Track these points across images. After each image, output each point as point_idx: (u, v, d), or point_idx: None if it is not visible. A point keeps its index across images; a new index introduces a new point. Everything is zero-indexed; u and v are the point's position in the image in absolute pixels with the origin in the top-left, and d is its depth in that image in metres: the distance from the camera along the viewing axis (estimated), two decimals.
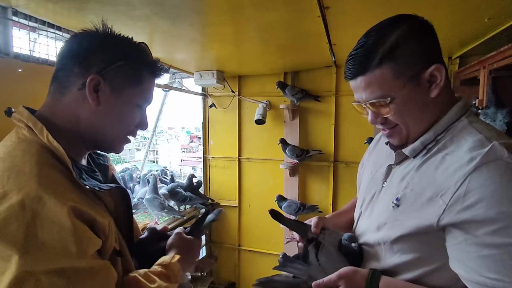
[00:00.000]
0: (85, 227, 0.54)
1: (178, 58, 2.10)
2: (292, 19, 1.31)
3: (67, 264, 0.50)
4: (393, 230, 0.68)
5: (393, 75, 0.63)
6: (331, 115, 2.42)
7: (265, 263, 2.76)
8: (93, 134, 0.67)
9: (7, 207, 0.48)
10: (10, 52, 1.11)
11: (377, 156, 0.88)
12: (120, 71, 0.66)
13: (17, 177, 0.52)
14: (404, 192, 0.68)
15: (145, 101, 0.72)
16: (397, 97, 0.64)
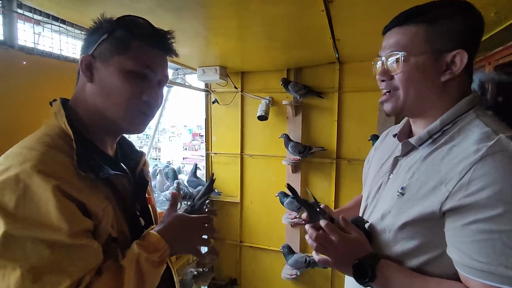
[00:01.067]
0: (71, 205, 0.57)
1: (181, 53, 2.08)
2: (296, 13, 1.30)
3: (50, 236, 0.53)
4: (398, 217, 0.69)
5: (424, 36, 0.65)
6: (334, 112, 2.41)
7: (267, 259, 2.77)
8: (101, 115, 0.69)
9: (4, 178, 0.54)
10: (15, 45, 1.11)
11: (384, 150, 0.89)
12: (106, 43, 0.68)
13: (24, 154, 0.58)
14: (409, 181, 0.69)
15: (139, 66, 0.68)
16: (413, 58, 0.66)
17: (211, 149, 2.87)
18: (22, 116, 1.09)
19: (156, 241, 0.68)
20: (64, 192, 0.56)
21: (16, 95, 1.08)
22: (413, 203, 0.66)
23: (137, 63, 0.68)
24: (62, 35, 1.34)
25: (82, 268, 0.55)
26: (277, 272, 2.58)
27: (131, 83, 0.68)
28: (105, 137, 0.74)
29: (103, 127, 0.71)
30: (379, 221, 0.75)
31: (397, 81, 0.70)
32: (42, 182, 0.54)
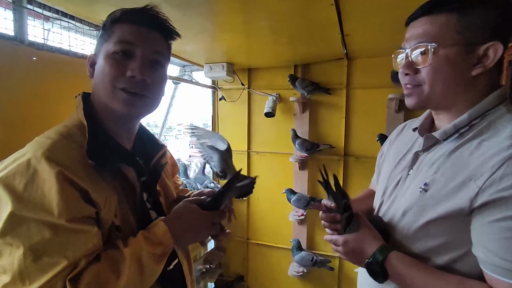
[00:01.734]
0: (73, 191, 0.59)
1: (188, 50, 2.10)
2: (305, 7, 1.29)
3: (51, 219, 0.56)
4: (420, 214, 0.66)
5: (456, 26, 0.61)
6: (342, 109, 2.38)
7: (273, 257, 2.76)
8: (102, 104, 0.71)
9: (19, 163, 0.58)
10: (25, 40, 1.12)
11: (400, 144, 0.86)
12: (99, 39, 0.73)
13: (41, 142, 0.62)
14: (433, 177, 0.66)
15: (118, 46, 0.68)
16: (443, 49, 0.62)
17: None
18: (31, 110, 1.10)
19: (162, 233, 0.68)
20: (67, 178, 0.58)
21: (25, 90, 1.09)
22: (438, 200, 0.63)
23: (117, 42, 0.69)
24: (71, 31, 1.35)
25: (79, 251, 0.58)
26: (284, 269, 2.57)
27: (113, 63, 0.68)
28: (117, 128, 0.75)
29: (109, 117, 0.73)
30: (400, 218, 0.72)
31: (424, 75, 0.66)
32: (48, 167, 0.57)
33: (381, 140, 2.11)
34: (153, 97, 0.74)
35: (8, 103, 1.03)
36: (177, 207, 0.77)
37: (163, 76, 0.76)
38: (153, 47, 0.72)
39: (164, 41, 0.76)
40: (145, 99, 0.72)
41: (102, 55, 0.70)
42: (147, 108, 0.75)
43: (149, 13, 0.73)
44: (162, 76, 0.76)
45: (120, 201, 0.68)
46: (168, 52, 0.79)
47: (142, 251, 0.63)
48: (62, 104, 1.22)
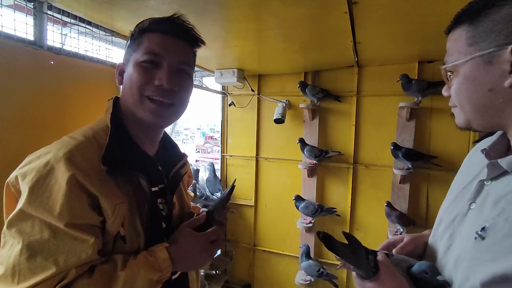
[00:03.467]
0: (81, 197, 0.59)
1: (200, 55, 2.09)
2: (318, 15, 1.29)
3: (51, 221, 0.56)
4: (472, 271, 0.51)
5: (467, 39, 0.52)
6: (352, 116, 2.37)
7: (280, 264, 2.74)
8: (129, 111, 0.73)
9: (40, 161, 0.60)
10: (44, 45, 1.15)
11: (469, 168, 0.69)
12: (128, 48, 0.75)
13: (65, 142, 0.64)
14: (495, 221, 0.50)
15: (147, 54, 0.70)
16: (460, 67, 0.53)
17: (226, 151, 2.88)
18: (49, 112, 1.13)
19: (163, 260, 0.67)
20: (78, 183, 0.59)
21: (44, 93, 1.12)
22: (496, 254, 0.47)
23: (146, 52, 0.70)
24: (87, 37, 1.37)
25: (71, 259, 0.57)
26: (290, 277, 2.54)
27: (141, 72, 0.70)
28: (141, 134, 0.76)
29: (136, 123, 0.74)
30: (451, 271, 0.56)
31: (453, 97, 0.58)
32: (64, 168, 0.59)
33: (394, 149, 2.08)
34: (180, 105, 0.76)
35: (28, 105, 1.06)
36: (178, 233, 0.75)
37: (189, 84, 0.78)
38: (180, 57, 0.74)
39: (190, 49, 0.78)
40: (172, 107, 0.74)
41: (131, 64, 0.72)
42: (174, 116, 0.77)
43: (176, 22, 0.74)
44: (189, 84, 0.78)
45: (130, 209, 0.67)
46: (194, 60, 0.81)
47: (139, 275, 0.62)
48: (78, 107, 1.24)
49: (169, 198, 0.81)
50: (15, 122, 1.02)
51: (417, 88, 2.00)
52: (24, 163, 0.62)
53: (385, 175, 2.30)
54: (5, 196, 0.64)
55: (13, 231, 0.56)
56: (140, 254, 0.66)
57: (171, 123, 0.80)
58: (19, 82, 1.03)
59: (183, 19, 0.75)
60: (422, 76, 2.12)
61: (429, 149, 2.17)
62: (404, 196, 2.21)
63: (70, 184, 0.58)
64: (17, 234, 0.56)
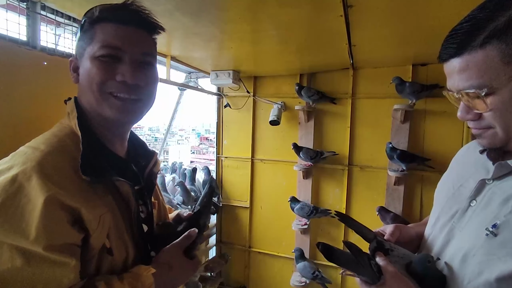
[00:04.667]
0: (59, 216, 0.53)
1: (195, 57, 2.11)
2: (314, 17, 1.30)
3: (26, 245, 0.50)
4: (487, 266, 0.52)
5: (501, 59, 0.48)
6: (347, 118, 2.38)
7: (275, 266, 2.73)
8: (91, 110, 0.67)
9: (4, 177, 0.52)
10: (37, 45, 1.13)
11: (464, 167, 0.71)
12: (79, 41, 0.68)
13: (28, 154, 0.56)
14: (507, 218, 0.52)
15: (104, 48, 0.63)
16: (501, 88, 0.50)
17: (221, 152, 2.87)
18: (42, 114, 1.11)
19: (148, 286, 0.63)
20: (56, 200, 0.53)
21: (37, 94, 1.10)
22: (511, 251, 0.50)
23: (103, 46, 0.63)
24: None
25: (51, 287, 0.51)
26: (286, 279, 2.54)
27: (100, 67, 0.63)
28: (109, 135, 0.71)
29: (101, 123, 0.68)
30: (459, 264, 0.57)
31: (490, 119, 0.54)
32: (37, 184, 0.52)
33: (389, 150, 2.09)
34: (148, 99, 0.71)
35: (20, 106, 1.04)
36: (165, 254, 0.71)
37: (155, 76, 0.73)
38: (142, 48, 0.67)
39: (150, 38, 0.71)
40: (139, 103, 0.69)
41: (86, 59, 0.65)
42: (141, 112, 0.71)
43: (131, 9, 0.66)
44: (154, 76, 0.72)
45: (115, 218, 0.63)
46: (155, 48, 0.74)
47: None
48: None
49: (147, 199, 0.78)
50: (7, 123, 1.00)
51: (411, 91, 2.02)
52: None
53: (380, 176, 2.31)
54: None
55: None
56: (125, 278, 0.60)
57: (140, 118, 0.73)
58: (12, 83, 1.02)
59: (138, 5, 0.67)
60: (416, 78, 2.15)
61: (423, 151, 2.19)
62: (398, 197, 2.23)
63: (47, 202, 0.51)
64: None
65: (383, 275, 0.60)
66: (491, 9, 0.49)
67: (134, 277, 0.62)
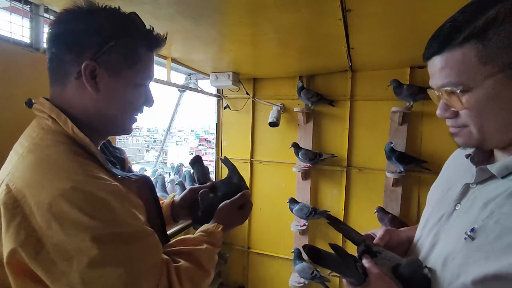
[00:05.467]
0: (134, 205, 0.61)
1: (195, 59, 2.13)
2: (313, 21, 1.32)
3: (127, 229, 0.56)
4: (465, 269, 0.52)
5: (478, 59, 0.50)
6: (346, 120, 2.41)
7: (274, 266, 2.75)
8: (102, 120, 0.66)
9: (59, 188, 0.52)
10: (41, 47, 1.15)
11: (453, 171, 0.72)
12: (114, 52, 0.62)
13: (66, 171, 0.55)
14: (485, 222, 0.52)
15: (146, 79, 0.69)
16: (476, 87, 0.51)
17: (221, 154, 2.88)
18: None
19: (220, 238, 0.76)
20: (125, 194, 0.60)
21: (40, 95, 1.11)
22: (488, 254, 0.50)
23: (144, 76, 0.68)
24: None
25: (159, 252, 0.61)
26: (284, 280, 2.55)
27: (138, 93, 0.69)
28: (98, 139, 0.71)
29: (99, 130, 0.68)
30: (440, 268, 0.57)
31: (465, 118, 0.55)
32: (101, 185, 0.56)
33: (389, 151, 2.11)
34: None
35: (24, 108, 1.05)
36: (228, 212, 0.83)
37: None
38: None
39: None
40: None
41: (125, 82, 0.65)
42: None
43: (159, 39, 0.69)
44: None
45: (146, 208, 0.68)
46: None
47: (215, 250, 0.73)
48: None
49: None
50: (11, 125, 1.01)
51: (408, 93, 2.05)
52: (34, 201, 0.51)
53: (378, 178, 2.33)
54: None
55: (99, 268, 0.51)
56: (200, 233, 0.74)
57: None
58: (15, 85, 1.03)
59: (163, 36, 0.70)
60: (414, 81, 2.17)
61: (420, 153, 2.21)
62: (396, 199, 2.25)
63: (123, 198, 0.58)
64: (108, 267, 0.52)
65: (368, 276, 0.61)
66: (470, 12, 0.51)
67: (208, 235, 0.74)
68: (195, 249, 0.69)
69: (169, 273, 0.59)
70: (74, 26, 0.60)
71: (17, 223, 0.50)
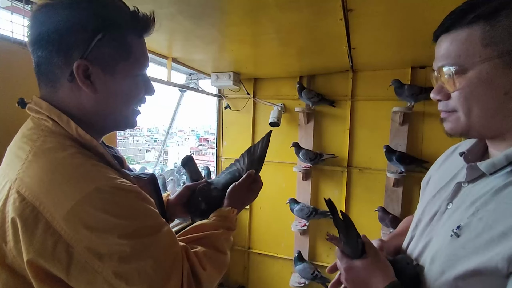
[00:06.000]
0: (148, 203, 0.61)
1: (196, 59, 2.13)
2: (314, 21, 1.32)
3: (149, 223, 0.58)
4: (448, 266, 0.53)
5: (482, 40, 0.50)
6: (346, 120, 2.40)
7: (274, 267, 2.75)
8: (103, 119, 0.64)
9: (84, 192, 0.51)
10: None
11: (445, 170, 0.71)
12: (103, 46, 0.58)
13: (91, 176, 0.54)
14: (469, 220, 0.53)
15: (143, 68, 0.65)
16: (471, 69, 0.51)
17: (222, 154, 2.88)
18: None
19: (235, 220, 0.81)
20: (142, 194, 0.61)
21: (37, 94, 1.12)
22: (470, 251, 0.50)
23: (141, 65, 0.65)
24: None
25: (176, 242, 0.63)
26: (285, 280, 2.55)
27: (138, 85, 0.66)
28: (97, 138, 0.67)
29: (100, 129, 0.66)
30: (428, 266, 0.58)
31: (456, 101, 0.55)
32: (126, 186, 0.57)
33: (387, 153, 2.11)
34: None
35: None
36: (239, 193, 0.86)
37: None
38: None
39: None
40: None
41: (121, 76, 0.62)
42: None
43: (151, 24, 0.65)
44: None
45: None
46: None
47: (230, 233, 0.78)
48: None
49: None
50: (12, 124, 1.01)
51: (410, 93, 2.04)
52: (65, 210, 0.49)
53: (379, 178, 2.33)
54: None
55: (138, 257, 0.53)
56: (216, 220, 0.77)
57: None
58: (16, 84, 1.03)
59: (152, 18, 0.65)
60: (415, 81, 2.17)
61: (421, 153, 2.21)
62: (397, 199, 2.24)
63: (141, 196, 0.59)
64: (139, 260, 0.53)
65: (367, 252, 0.63)
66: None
67: (223, 219, 0.78)
68: (212, 234, 0.72)
69: (189, 257, 0.62)
70: (56, 24, 0.55)
71: (42, 230, 0.49)
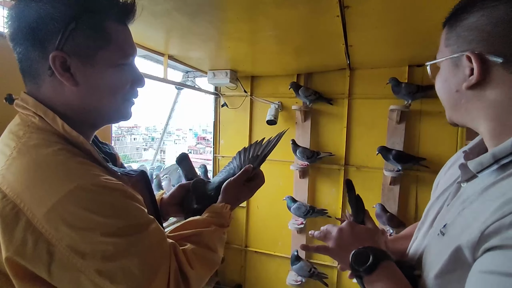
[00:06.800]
0: (135, 201, 0.59)
1: (193, 56, 2.12)
2: (311, 18, 1.31)
3: (137, 221, 0.56)
4: (433, 265, 0.54)
5: (445, 41, 0.56)
6: (344, 118, 2.40)
7: (272, 265, 2.75)
8: (91, 112, 0.62)
9: (70, 190, 0.49)
10: None
11: (454, 170, 0.69)
12: (78, 35, 0.55)
13: (58, 170, 0.52)
14: (455, 218, 0.53)
15: (127, 57, 0.62)
16: (439, 65, 0.58)
17: (219, 152, 2.87)
18: None
19: (229, 216, 0.78)
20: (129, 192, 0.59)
21: None
22: (450, 249, 0.50)
23: (123, 54, 0.61)
24: None
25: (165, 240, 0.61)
26: (282, 278, 2.55)
27: (123, 75, 0.62)
28: (87, 135, 0.65)
29: (91, 123, 0.65)
30: (423, 266, 0.58)
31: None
32: (112, 184, 0.55)
33: (382, 153, 2.11)
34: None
35: None
36: (234, 190, 0.83)
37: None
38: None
39: None
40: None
41: (102, 66, 0.59)
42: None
43: (132, 8, 0.62)
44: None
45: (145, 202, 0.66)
46: None
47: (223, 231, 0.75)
48: None
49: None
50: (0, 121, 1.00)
51: (407, 92, 2.04)
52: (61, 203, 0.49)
53: (376, 176, 2.33)
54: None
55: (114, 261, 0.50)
56: (210, 217, 0.74)
57: None
58: (11, 81, 1.01)
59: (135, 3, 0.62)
60: (412, 79, 2.17)
61: (418, 151, 2.21)
62: (394, 197, 2.25)
63: (130, 195, 0.57)
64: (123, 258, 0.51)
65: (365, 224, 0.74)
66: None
67: (216, 216, 0.75)
68: (203, 231, 0.69)
69: (177, 255, 0.59)
70: (28, 18, 0.54)
71: (22, 229, 0.48)
